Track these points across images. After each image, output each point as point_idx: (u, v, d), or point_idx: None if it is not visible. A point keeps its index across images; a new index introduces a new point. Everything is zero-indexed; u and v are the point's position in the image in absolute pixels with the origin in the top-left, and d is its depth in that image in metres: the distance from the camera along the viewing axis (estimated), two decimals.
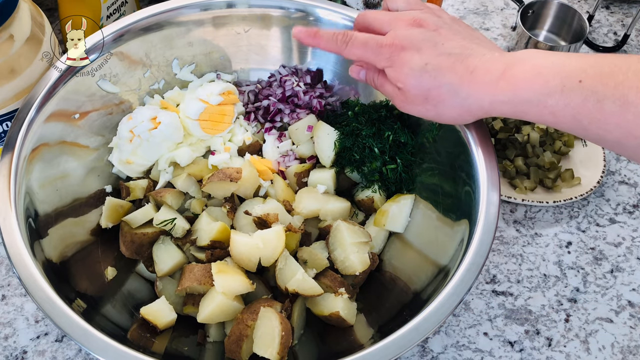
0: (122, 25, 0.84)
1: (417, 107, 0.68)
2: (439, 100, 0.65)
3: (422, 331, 0.60)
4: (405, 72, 0.65)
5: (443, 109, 0.66)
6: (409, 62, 0.65)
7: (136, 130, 0.82)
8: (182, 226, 0.78)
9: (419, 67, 0.64)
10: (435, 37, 0.66)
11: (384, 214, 0.81)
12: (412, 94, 0.66)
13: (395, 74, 0.67)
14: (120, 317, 0.73)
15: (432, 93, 0.65)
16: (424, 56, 0.64)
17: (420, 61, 0.64)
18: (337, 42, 0.70)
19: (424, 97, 0.66)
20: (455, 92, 0.64)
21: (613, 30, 1.24)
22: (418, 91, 0.66)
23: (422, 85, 0.65)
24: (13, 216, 0.66)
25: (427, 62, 0.64)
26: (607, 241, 0.93)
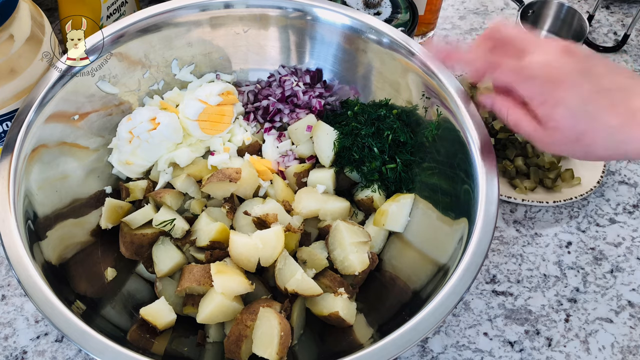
0: (122, 26, 0.84)
1: (564, 147, 0.62)
2: (593, 142, 0.59)
3: (422, 331, 0.60)
4: (560, 112, 0.59)
5: (594, 150, 0.60)
6: (566, 101, 0.59)
7: (135, 131, 0.82)
8: (182, 227, 0.78)
9: (576, 107, 0.58)
10: (591, 70, 0.60)
11: (383, 213, 0.81)
12: (562, 135, 0.60)
13: (548, 112, 0.60)
14: (120, 317, 0.73)
15: (587, 135, 0.59)
16: (582, 93, 0.58)
17: (578, 99, 0.58)
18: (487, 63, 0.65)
19: (576, 139, 0.60)
20: (612, 136, 0.58)
21: (613, 30, 1.24)
22: (571, 132, 0.59)
23: (577, 128, 0.59)
24: (12, 218, 0.66)
25: (586, 102, 0.58)
26: (607, 241, 0.93)
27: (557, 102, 0.59)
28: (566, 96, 0.59)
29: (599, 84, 0.59)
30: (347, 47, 0.89)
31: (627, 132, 0.58)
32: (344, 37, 0.88)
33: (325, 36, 0.90)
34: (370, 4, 1.03)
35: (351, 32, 0.87)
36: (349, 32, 0.87)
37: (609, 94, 0.59)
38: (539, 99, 0.60)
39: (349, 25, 0.87)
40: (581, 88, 0.59)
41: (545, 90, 0.60)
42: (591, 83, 0.59)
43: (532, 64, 0.61)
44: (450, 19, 1.25)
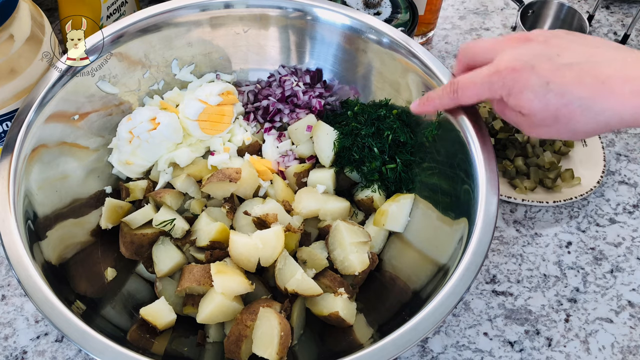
0: (122, 26, 0.84)
1: (547, 129, 0.62)
2: (570, 118, 0.59)
3: (421, 331, 0.60)
4: (526, 97, 0.60)
5: (575, 126, 0.59)
6: (528, 85, 0.59)
7: (135, 131, 0.82)
8: (182, 227, 0.78)
9: (540, 86, 0.58)
10: (548, 50, 0.60)
11: (383, 213, 0.81)
12: (539, 118, 0.61)
13: (516, 101, 0.61)
14: (120, 317, 0.73)
15: (562, 112, 0.59)
16: (543, 73, 0.58)
17: (540, 80, 0.58)
18: (449, 96, 0.66)
19: (554, 118, 0.60)
20: (587, 107, 0.57)
21: (613, 30, 1.24)
22: (545, 114, 0.60)
23: (548, 107, 0.59)
24: (12, 218, 0.66)
25: (548, 81, 0.58)
26: (607, 241, 0.93)
27: (520, 89, 0.60)
28: (526, 81, 0.59)
29: (559, 60, 0.59)
30: (347, 47, 0.89)
31: (599, 103, 0.57)
32: (344, 37, 0.88)
33: (325, 36, 0.90)
34: (370, 4, 1.03)
35: (351, 32, 0.87)
36: (349, 32, 0.87)
37: (573, 68, 0.58)
38: (504, 92, 0.61)
39: (349, 25, 0.87)
40: (539, 68, 0.59)
41: (506, 83, 0.60)
42: (550, 62, 0.59)
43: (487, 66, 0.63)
44: (450, 19, 1.25)
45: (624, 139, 1.06)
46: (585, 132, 0.60)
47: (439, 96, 0.69)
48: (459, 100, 0.66)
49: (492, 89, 0.62)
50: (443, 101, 0.68)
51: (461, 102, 0.67)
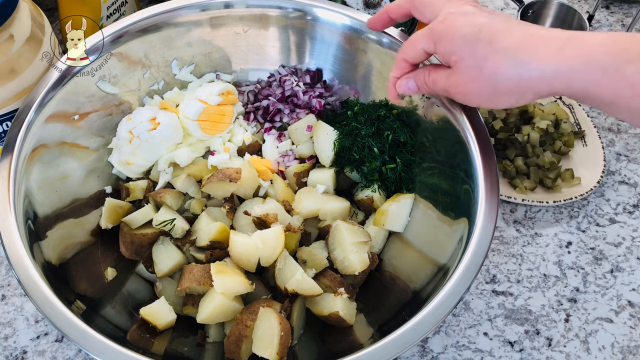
0: (122, 26, 0.84)
1: (472, 85, 0.62)
2: (495, 68, 0.59)
3: (421, 331, 0.60)
4: (457, 42, 0.61)
5: (499, 79, 0.59)
6: (461, 30, 0.61)
7: (135, 131, 0.82)
8: (182, 227, 0.78)
9: (472, 33, 0.60)
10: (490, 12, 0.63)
11: (383, 213, 0.81)
12: (465, 65, 0.61)
13: (447, 45, 0.62)
14: (120, 317, 0.73)
15: (488, 61, 0.59)
16: (475, 21, 0.60)
17: (472, 27, 0.60)
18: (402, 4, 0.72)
19: (478, 68, 0.60)
20: (513, 58, 0.58)
21: (613, 30, 1.24)
22: (472, 60, 0.60)
23: (476, 54, 0.60)
24: (12, 218, 0.66)
25: (480, 28, 0.60)
26: (607, 241, 0.93)
27: (453, 33, 0.61)
28: (461, 26, 0.61)
29: (496, 17, 0.61)
30: (347, 47, 0.89)
31: (526, 53, 0.57)
32: (344, 37, 0.88)
33: (325, 36, 0.90)
34: (370, 4, 1.03)
35: (351, 32, 0.87)
36: (349, 32, 0.87)
37: (503, 22, 0.60)
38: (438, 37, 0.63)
39: (349, 25, 0.87)
40: (474, 19, 0.61)
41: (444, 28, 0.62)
42: (483, 15, 0.61)
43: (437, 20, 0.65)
44: None
45: (624, 139, 1.06)
46: (507, 88, 0.59)
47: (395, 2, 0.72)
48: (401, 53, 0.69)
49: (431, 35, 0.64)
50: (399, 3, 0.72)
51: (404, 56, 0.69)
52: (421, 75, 0.69)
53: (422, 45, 0.66)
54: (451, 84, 0.65)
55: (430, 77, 0.68)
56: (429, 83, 0.68)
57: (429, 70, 0.68)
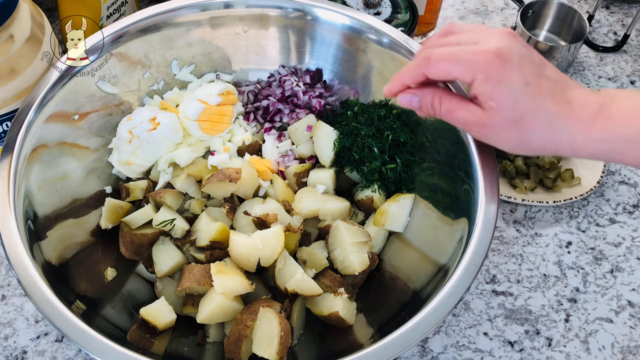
0: (122, 26, 0.84)
1: (500, 133, 0.60)
2: (530, 127, 0.59)
3: (421, 331, 0.60)
4: (502, 90, 0.58)
5: (530, 136, 0.59)
6: (509, 78, 0.58)
7: (135, 131, 0.82)
8: (182, 227, 0.78)
9: (519, 85, 0.58)
10: (533, 56, 0.60)
11: (383, 213, 0.81)
12: (502, 116, 0.59)
13: (489, 89, 0.58)
14: (120, 317, 0.73)
15: (526, 118, 0.58)
16: (525, 74, 0.58)
17: (521, 79, 0.58)
18: (418, 64, 0.62)
19: (514, 121, 0.59)
20: (550, 122, 0.58)
21: (613, 30, 1.24)
22: (511, 113, 0.58)
23: (517, 107, 0.58)
24: (12, 218, 0.66)
25: (528, 82, 0.58)
26: (607, 241, 0.93)
27: (500, 79, 0.58)
28: (510, 75, 0.58)
29: (540, 70, 0.59)
30: (347, 47, 0.89)
31: (563, 120, 0.58)
32: (344, 37, 0.88)
33: (325, 36, 0.90)
34: (370, 4, 1.03)
35: (351, 32, 0.87)
36: (349, 32, 0.87)
37: (550, 80, 0.59)
38: (482, 75, 0.58)
39: (349, 25, 0.87)
40: (525, 69, 0.58)
41: (490, 67, 0.58)
42: (533, 66, 0.59)
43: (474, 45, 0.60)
44: (450, 19, 1.25)
45: None
46: (535, 146, 0.60)
47: (409, 69, 0.64)
48: (428, 69, 0.61)
49: (472, 67, 0.58)
50: (412, 73, 0.63)
51: (429, 72, 0.61)
52: (429, 98, 0.64)
53: (457, 72, 0.60)
54: (476, 123, 0.61)
55: (442, 105, 0.63)
56: (437, 109, 0.64)
57: (440, 96, 0.64)
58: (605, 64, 1.18)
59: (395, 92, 0.66)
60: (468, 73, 0.59)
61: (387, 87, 0.67)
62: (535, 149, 0.61)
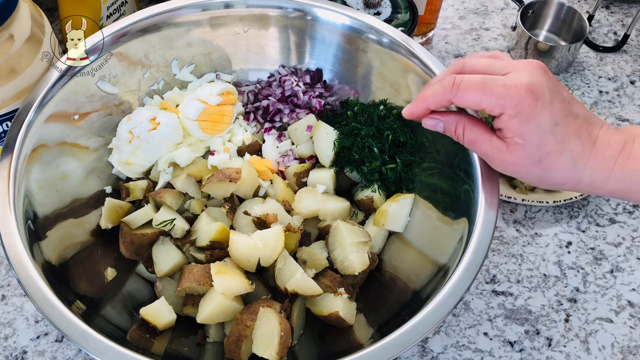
0: (122, 26, 0.84)
1: (521, 169, 0.60)
2: (553, 166, 0.59)
3: (421, 331, 0.60)
4: (530, 128, 0.57)
5: (552, 174, 0.60)
6: (539, 117, 0.57)
7: (135, 131, 0.82)
8: (182, 227, 0.78)
9: (548, 125, 0.57)
10: (562, 92, 0.59)
11: (383, 213, 0.81)
12: (526, 153, 0.59)
13: (516, 126, 0.57)
14: (120, 317, 0.73)
15: (550, 157, 0.58)
16: (554, 114, 0.57)
17: (551, 119, 0.57)
18: (445, 90, 0.60)
19: (538, 159, 0.59)
20: (574, 162, 0.58)
21: (613, 30, 1.24)
22: (535, 151, 0.58)
23: (543, 146, 0.58)
24: (12, 218, 0.66)
25: (557, 122, 0.57)
26: (607, 241, 0.93)
27: (530, 118, 0.57)
28: (540, 114, 0.57)
29: (569, 108, 0.59)
30: (347, 47, 0.89)
31: (586, 160, 0.58)
32: (344, 37, 0.88)
33: (325, 36, 0.90)
34: (370, 4, 1.03)
35: (351, 32, 0.87)
36: (349, 32, 0.87)
37: (577, 119, 0.59)
38: (513, 111, 0.57)
39: (349, 25, 0.87)
40: (555, 107, 0.58)
41: (522, 103, 0.57)
42: (562, 104, 0.58)
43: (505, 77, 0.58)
44: (450, 19, 1.25)
45: None
46: (556, 183, 0.61)
47: (434, 93, 0.62)
48: (456, 96, 0.59)
49: (502, 102, 0.57)
50: (437, 98, 0.61)
51: (456, 100, 0.60)
52: (452, 125, 0.63)
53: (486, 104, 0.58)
54: (499, 157, 0.61)
55: (466, 134, 0.63)
56: (460, 136, 0.63)
57: (464, 124, 0.63)
58: (605, 64, 1.18)
59: (417, 115, 0.65)
60: (498, 106, 0.58)
61: (408, 108, 0.65)
62: (555, 185, 0.61)
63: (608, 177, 0.58)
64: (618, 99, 1.12)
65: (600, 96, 1.12)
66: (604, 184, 0.59)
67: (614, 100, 1.12)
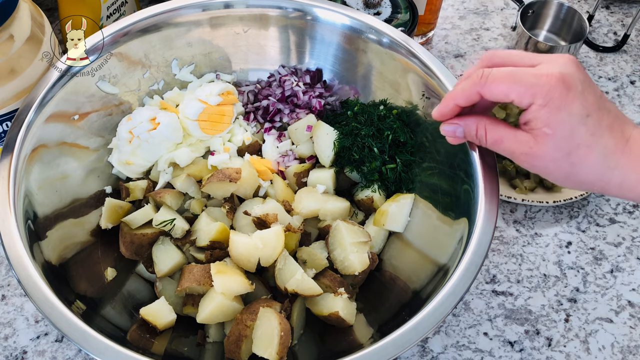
0: (122, 26, 0.84)
1: (549, 163, 0.58)
2: (582, 160, 0.56)
3: (421, 331, 0.60)
4: (561, 117, 0.55)
5: (580, 170, 0.57)
6: (570, 107, 0.54)
7: (135, 131, 0.82)
8: (182, 227, 0.78)
9: (580, 115, 0.54)
10: (594, 87, 0.57)
11: (383, 213, 0.81)
12: (555, 145, 0.56)
13: (546, 115, 0.55)
14: (120, 317, 0.73)
15: (580, 151, 0.56)
16: (587, 105, 0.55)
17: (582, 110, 0.55)
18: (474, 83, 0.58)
19: (567, 152, 0.56)
20: (605, 157, 0.56)
21: (613, 30, 1.24)
22: (565, 143, 0.56)
23: (573, 138, 0.55)
24: (12, 218, 0.66)
25: (589, 114, 0.55)
26: (607, 241, 0.93)
27: (561, 107, 0.55)
28: (572, 103, 0.54)
29: (602, 102, 0.57)
30: (347, 47, 0.89)
31: (618, 157, 0.56)
32: (344, 37, 0.88)
33: (325, 36, 0.90)
34: (370, 4, 1.03)
35: (351, 32, 0.87)
36: (349, 32, 0.87)
37: (610, 114, 0.56)
38: (542, 100, 0.55)
39: (349, 25, 0.87)
40: (588, 99, 0.55)
41: (552, 92, 0.54)
42: (595, 97, 0.56)
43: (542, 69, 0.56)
44: (450, 19, 1.25)
45: None
46: (583, 180, 0.58)
47: (462, 88, 0.60)
48: (484, 88, 0.57)
49: (532, 90, 0.55)
50: (465, 92, 0.59)
51: (485, 92, 0.58)
52: (473, 128, 0.61)
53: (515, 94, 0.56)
54: (525, 152, 0.58)
55: (489, 135, 0.60)
56: (482, 138, 0.61)
57: (485, 125, 0.61)
58: (605, 64, 1.18)
59: (446, 113, 0.62)
60: (527, 96, 0.56)
61: (438, 109, 0.63)
62: (582, 182, 0.58)
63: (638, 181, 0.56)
64: (618, 99, 1.12)
65: None
66: (635, 185, 0.56)
67: (614, 100, 1.12)
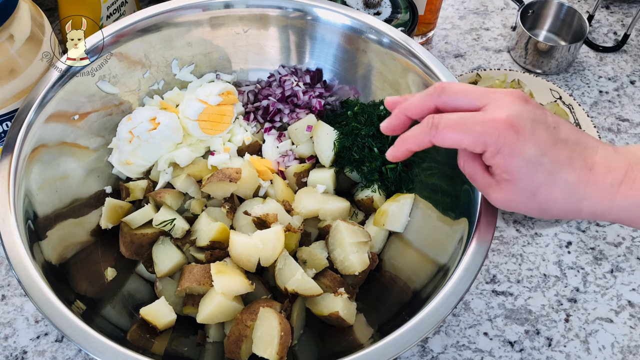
0: (122, 26, 0.84)
1: (518, 204, 0.58)
2: (548, 199, 0.56)
3: (421, 331, 0.60)
4: (516, 163, 0.54)
5: (550, 207, 0.57)
6: (522, 151, 0.54)
7: (135, 131, 0.82)
8: (182, 227, 0.78)
9: (534, 158, 0.54)
10: (546, 119, 0.56)
11: (383, 213, 0.81)
12: (517, 189, 0.56)
13: (502, 163, 0.55)
14: (120, 317, 0.73)
15: (543, 190, 0.55)
16: (540, 144, 0.54)
17: (535, 151, 0.54)
18: (423, 131, 0.57)
19: (532, 194, 0.56)
20: (570, 192, 0.55)
21: (613, 30, 1.24)
22: (527, 186, 0.55)
23: (533, 180, 0.55)
24: (12, 218, 0.66)
25: (543, 153, 0.54)
26: (607, 241, 0.93)
27: (513, 152, 0.54)
28: (524, 146, 0.54)
29: (556, 134, 0.55)
30: (347, 47, 0.89)
31: (583, 189, 0.55)
32: (344, 37, 0.88)
33: (325, 36, 0.90)
34: (370, 4, 1.03)
35: (351, 32, 0.87)
36: (349, 32, 0.87)
37: (566, 146, 0.55)
38: (493, 148, 0.54)
39: (349, 25, 0.87)
40: (539, 137, 0.54)
41: (501, 139, 0.54)
42: (548, 132, 0.55)
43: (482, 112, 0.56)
44: (450, 19, 1.25)
45: (624, 139, 1.06)
46: (556, 214, 0.58)
47: (413, 135, 0.59)
48: (436, 137, 0.56)
49: (482, 139, 0.54)
50: (416, 139, 0.58)
51: (437, 141, 0.57)
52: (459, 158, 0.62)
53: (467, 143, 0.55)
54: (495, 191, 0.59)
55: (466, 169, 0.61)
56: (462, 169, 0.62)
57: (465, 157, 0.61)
58: (605, 64, 1.18)
59: (399, 157, 0.62)
60: (478, 145, 0.55)
61: (391, 151, 0.62)
62: (557, 216, 0.58)
63: (611, 205, 0.55)
64: (618, 99, 1.12)
65: (600, 96, 1.12)
66: (607, 212, 0.56)
67: (614, 100, 1.12)
